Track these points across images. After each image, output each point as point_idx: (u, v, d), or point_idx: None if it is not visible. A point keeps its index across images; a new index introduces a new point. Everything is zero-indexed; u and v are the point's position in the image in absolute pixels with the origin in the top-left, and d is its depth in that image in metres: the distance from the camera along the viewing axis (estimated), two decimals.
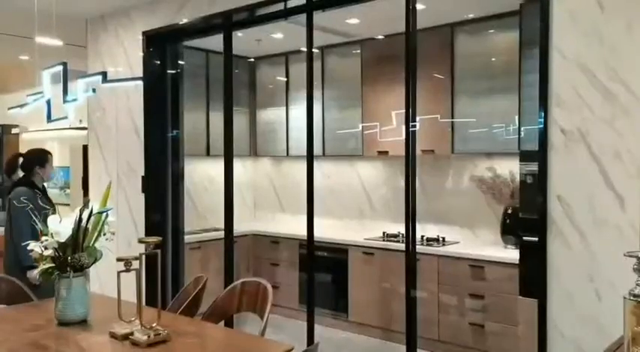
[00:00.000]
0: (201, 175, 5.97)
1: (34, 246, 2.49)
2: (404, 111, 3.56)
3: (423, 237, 4.82)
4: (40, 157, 4.16)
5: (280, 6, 3.98)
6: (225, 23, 4.35)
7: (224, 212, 4.46)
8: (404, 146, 3.59)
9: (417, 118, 3.58)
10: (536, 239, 2.83)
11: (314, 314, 4.11)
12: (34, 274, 3.52)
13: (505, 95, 4.30)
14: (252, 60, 6.23)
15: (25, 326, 2.56)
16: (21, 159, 4.20)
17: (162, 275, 4.70)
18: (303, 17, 4.05)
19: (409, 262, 3.55)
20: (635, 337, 1.55)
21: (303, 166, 4.13)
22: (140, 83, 4.68)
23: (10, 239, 3.97)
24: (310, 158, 4.10)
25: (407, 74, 3.50)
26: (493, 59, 4.49)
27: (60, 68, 3.41)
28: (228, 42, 4.40)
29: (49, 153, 4.25)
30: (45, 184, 4.24)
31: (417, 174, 3.87)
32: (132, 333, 2.31)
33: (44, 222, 3.92)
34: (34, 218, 3.57)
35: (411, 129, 3.52)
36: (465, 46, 4.63)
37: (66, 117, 3.51)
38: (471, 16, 4.51)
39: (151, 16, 4.73)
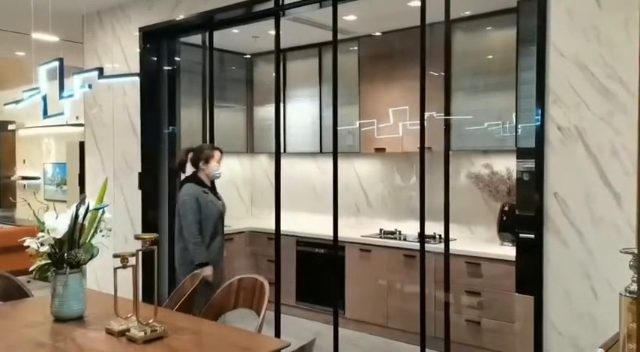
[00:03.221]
0: None
1: (29, 242, 2.48)
2: (401, 108, 3.56)
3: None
4: (205, 153, 3.99)
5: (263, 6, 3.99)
6: (207, 22, 4.43)
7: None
8: (401, 143, 3.59)
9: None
10: (533, 236, 2.84)
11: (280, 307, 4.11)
12: (208, 272, 3.72)
13: (502, 92, 4.30)
14: (249, 56, 6.22)
15: (21, 323, 2.56)
16: (190, 155, 4.03)
17: (159, 271, 4.70)
18: (299, 14, 4.06)
19: (423, 261, 3.51)
20: (631, 333, 1.56)
21: (300, 163, 4.13)
22: (137, 79, 4.67)
23: (179, 236, 3.92)
24: (278, 155, 4.24)
25: (422, 68, 3.48)
26: (490, 57, 4.49)
27: (56, 64, 3.40)
28: (210, 39, 4.53)
29: (217, 148, 4.05)
30: (213, 181, 4.07)
31: (414, 171, 3.89)
32: (128, 330, 2.31)
33: (220, 220, 3.96)
34: (198, 216, 3.75)
35: (408, 126, 3.51)
36: (462, 43, 4.62)
37: (62, 114, 3.51)
38: (468, 13, 4.51)
39: (147, 12, 4.72)
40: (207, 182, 3.98)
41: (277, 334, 4.05)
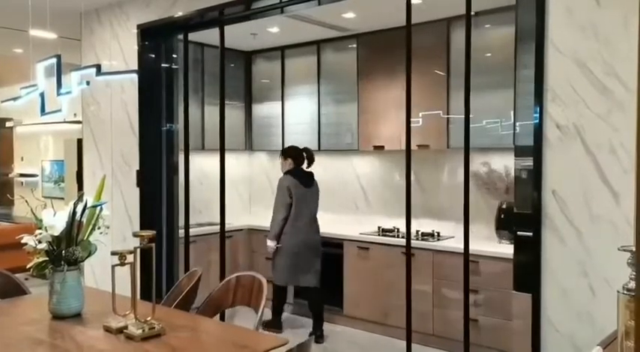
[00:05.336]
0: (197, 169, 5.94)
1: (27, 240, 2.47)
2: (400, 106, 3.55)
3: (418, 231, 4.83)
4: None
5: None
6: (184, 24, 4.49)
7: (184, 208, 4.58)
8: (400, 141, 3.58)
9: (420, 114, 3.56)
10: (531, 234, 2.84)
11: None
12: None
13: (500, 90, 4.29)
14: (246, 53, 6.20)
15: (19, 320, 2.55)
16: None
17: (157, 269, 4.69)
18: (299, 10, 4.04)
19: (467, 263, 3.51)
20: (629, 331, 1.56)
21: None
22: (135, 77, 4.66)
23: (312, 220, 4.88)
24: (223, 152, 4.50)
25: (467, 58, 3.48)
26: (489, 54, 4.48)
27: (54, 61, 3.39)
28: (185, 38, 4.59)
29: None
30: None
31: (413, 168, 3.86)
32: (126, 327, 2.30)
33: None
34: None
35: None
36: (460, 41, 4.61)
37: (60, 110, 3.50)
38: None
39: (145, 9, 4.71)
40: None
41: None
